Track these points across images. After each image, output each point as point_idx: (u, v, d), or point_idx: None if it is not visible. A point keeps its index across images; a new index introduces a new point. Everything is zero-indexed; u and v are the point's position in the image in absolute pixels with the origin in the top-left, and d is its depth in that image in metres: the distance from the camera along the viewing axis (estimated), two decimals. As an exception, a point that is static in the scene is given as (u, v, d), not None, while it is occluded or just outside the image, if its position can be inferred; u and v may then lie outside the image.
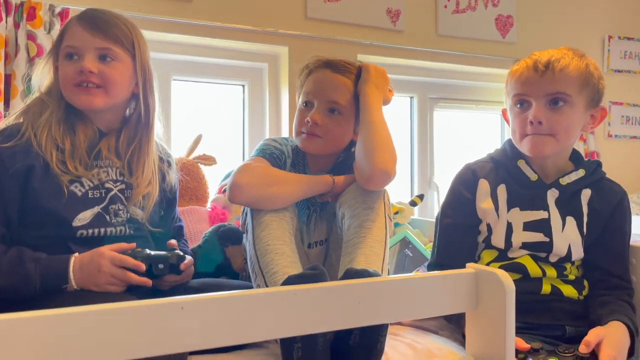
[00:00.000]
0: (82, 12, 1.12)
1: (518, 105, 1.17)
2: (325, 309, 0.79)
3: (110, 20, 1.10)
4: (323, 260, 1.22)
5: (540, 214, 1.17)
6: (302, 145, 1.22)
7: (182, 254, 1.07)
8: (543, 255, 1.16)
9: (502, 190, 1.20)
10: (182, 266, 1.05)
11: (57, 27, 1.71)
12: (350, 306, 0.80)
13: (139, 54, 1.13)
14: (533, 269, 1.15)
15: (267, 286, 0.99)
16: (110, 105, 1.12)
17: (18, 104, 1.66)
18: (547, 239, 1.15)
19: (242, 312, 0.73)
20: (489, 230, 1.19)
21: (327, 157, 1.25)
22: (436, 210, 2.63)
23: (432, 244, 1.66)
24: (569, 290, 1.16)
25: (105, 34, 1.08)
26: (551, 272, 1.15)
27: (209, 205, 1.77)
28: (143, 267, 1.00)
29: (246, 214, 1.14)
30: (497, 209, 1.19)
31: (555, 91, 1.13)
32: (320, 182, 1.16)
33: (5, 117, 1.61)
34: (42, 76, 1.14)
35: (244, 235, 1.17)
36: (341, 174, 1.20)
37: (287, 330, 0.78)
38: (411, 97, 2.58)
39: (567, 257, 1.16)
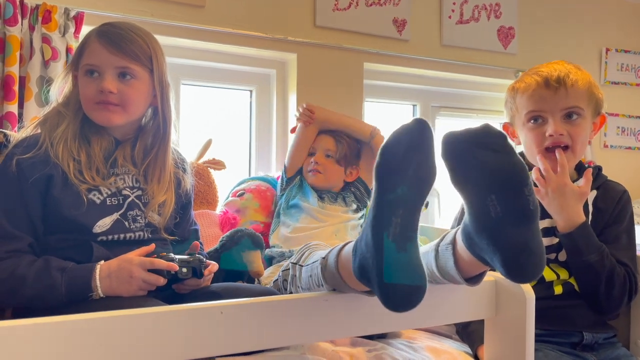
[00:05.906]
0: (101, 28, 1.12)
1: (532, 121, 1.22)
2: (355, 314, 0.82)
3: (128, 37, 1.10)
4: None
5: (552, 222, 1.21)
6: (309, 180, 1.72)
7: (203, 258, 1.09)
8: (553, 256, 1.20)
9: None
10: (205, 272, 1.07)
11: (72, 31, 1.72)
12: (378, 312, 0.82)
13: (157, 68, 1.14)
14: (547, 274, 1.19)
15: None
16: (129, 121, 1.14)
17: (32, 106, 1.67)
18: (557, 240, 1.20)
19: (277, 316, 0.76)
20: None
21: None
22: (437, 216, 2.66)
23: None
24: None
25: (124, 52, 1.08)
26: (563, 273, 1.19)
27: (219, 209, 1.79)
28: (176, 267, 1.02)
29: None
30: None
31: (570, 106, 1.18)
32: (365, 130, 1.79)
33: (19, 121, 1.63)
34: (60, 88, 1.16)
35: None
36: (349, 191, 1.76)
37: (319, 334, 0.81)
38: (414, 105, 2.62)
39: None
